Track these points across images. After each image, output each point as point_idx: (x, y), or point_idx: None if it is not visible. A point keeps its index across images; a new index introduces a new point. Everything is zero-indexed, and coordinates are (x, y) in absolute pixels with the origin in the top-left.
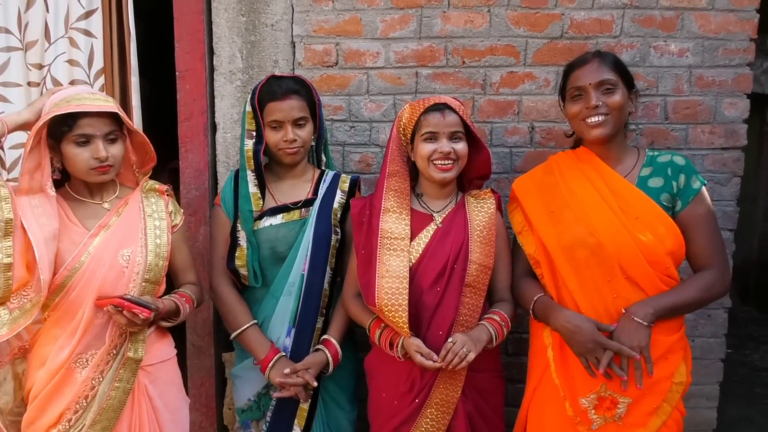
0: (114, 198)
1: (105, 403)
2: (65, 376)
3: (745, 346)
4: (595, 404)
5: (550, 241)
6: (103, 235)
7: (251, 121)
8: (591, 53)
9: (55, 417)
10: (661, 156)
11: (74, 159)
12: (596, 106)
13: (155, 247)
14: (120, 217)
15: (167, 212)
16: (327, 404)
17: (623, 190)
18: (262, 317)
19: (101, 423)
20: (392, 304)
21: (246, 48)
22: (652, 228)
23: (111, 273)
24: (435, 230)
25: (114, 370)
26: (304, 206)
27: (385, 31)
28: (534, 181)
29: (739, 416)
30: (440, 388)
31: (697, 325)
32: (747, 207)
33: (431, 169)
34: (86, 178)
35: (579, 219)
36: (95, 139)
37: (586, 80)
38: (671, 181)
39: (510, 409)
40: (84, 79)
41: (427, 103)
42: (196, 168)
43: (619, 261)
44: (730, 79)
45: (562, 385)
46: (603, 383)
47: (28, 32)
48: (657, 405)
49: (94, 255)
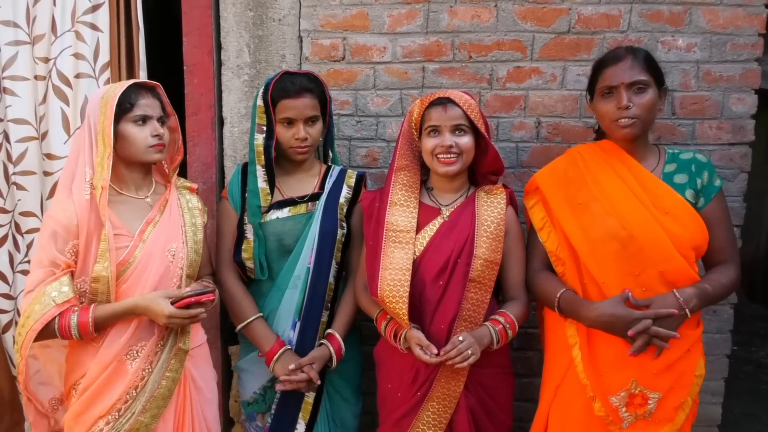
0: (152, 194)
1: (156, 392)
2: (116, 368)
3: (751, 343)
4: (627, 402)
5: (576, 235)
6: (151, 230)
7: (262, 115)
8: (623, 49)
9: (106, 408)
10: (683, 153)
11: (135, 137)
12: (628, 107)
13: (194, 244)
14: (164, 213)
15: (199, 209)
16: (332, 397)
17: (652, 185)
18: (267, 310)
19: (151, 411)
20: (393, 295)
21: (253, 42)
22: (681, 222)
23: (160, 267)
24: (441, 224)
25: (164, 361)
26: (311, 200)
27: (392, 25)
28: (557, 174)
29: (744, 413)
30: (442, 382)
31: (704, 321)
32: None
33: (435, 162)
34: (144, 157)
35: (609, 212)
36: (152, 119)
37: (619, 79)
38: (695, 178)
39: (516, 403)
40: (89, 73)
41: (433, 97)
42: (204, 162)
43: (650, 254)
44: (737, 75)
45: (593, 384)
46: (634, 379)
47: (35, 26)
48: (683, 399)
49: (145, 250)
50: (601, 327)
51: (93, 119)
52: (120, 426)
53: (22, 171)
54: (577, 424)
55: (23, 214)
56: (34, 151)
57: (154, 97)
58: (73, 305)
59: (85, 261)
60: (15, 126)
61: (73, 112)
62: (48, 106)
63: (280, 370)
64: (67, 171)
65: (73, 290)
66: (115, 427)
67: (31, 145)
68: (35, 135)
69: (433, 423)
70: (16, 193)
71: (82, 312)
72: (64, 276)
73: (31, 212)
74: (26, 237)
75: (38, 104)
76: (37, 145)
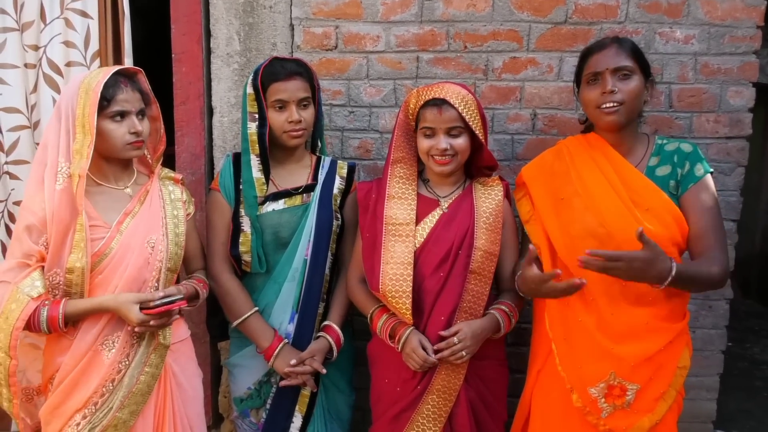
0: (132, 184)
1: (135, 387)
2: (92, 358)
3: (746, 339)
4: (605, 393)
5: (556, 230)
6: (129, 221)
7: (253, 103)
8: (609, 38)
9: (82, 401)
10: (669, 144)
11: (111, 134)
12: (612, 92)
13: (175, 236)
14: (143, 204)
15: (182, 201)
16: (328, 389)
17: (634, 180)
18: (263, 304)
19: (129, 407)
20: (396, 290)
21: (244, 30)
22: (661, 219)
23: (139, 259)
24: (440, 215)
25: (142, 355)
26: (305, 192)
27: (386, 14)
28: (544, 167)
29: (738, 409)
30: (442, 375)
31: (698, 316)
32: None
33: (431, 162)
34: (121, 154)
35: (589, 208)
36: (130, 114)
37: (603, 65)
38: (677, 168)
39: (510, 399)
40: (80, 61)
41: (430, 92)
42: (192, 153)
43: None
44: (735, 67)
45: (569, 377)
46: (612, 371)
47: (23, 12)
48: (664, 390)
49: (122, 241)
50: (530, 293)
51: (70, 107)
52: (97, 421)
53: (14, 160)
54: (556, 411)
55: (17, 204)
56: (26, 140)
57: (133, 87)
58: (44, 300)
59: (60, 251)
60: (6, 115)
61: None
62: (39, 95)
63: (280, 366)
64: (38, 162)
65: (45, 285)
66: (91, 421)
67: (23, 134)
68: (27, 124)
69: (433, 417)
70: (9, 182)
71: (53, 306)
72: (35, 271)
73: None
74: None
75: (29, 93)
76: (29, 134)
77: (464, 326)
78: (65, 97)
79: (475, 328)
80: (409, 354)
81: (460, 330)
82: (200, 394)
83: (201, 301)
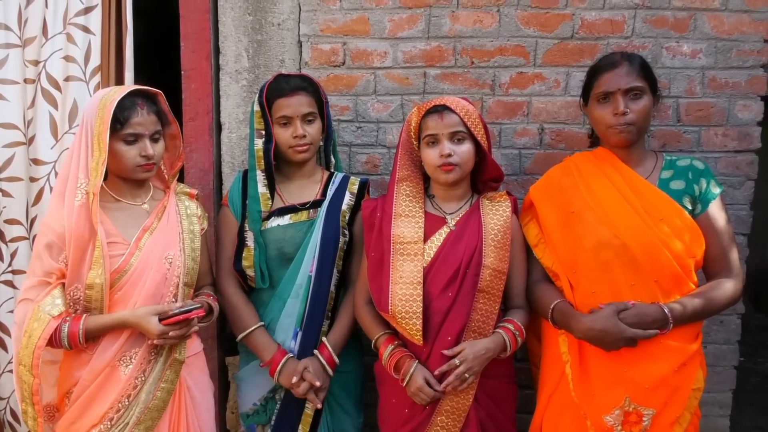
0: (150, 200)
1: (151, 403)
2: (109, 373)
3: (758, 354)
4: (622, 420)
5: (569, 245)
6: (147, 237)
7: (260, 120)
8: (618, 55)
9: (98, 416)
10: (681, 160)
11: (123, 156)
12: (624, 113)
13: (191, 251)
14: (161, 220)
15: (197, 216)
16: (333, 409)
17: (646, 192)
18: (268, 320)
19: (145, 423)
20: (406, 311)
21: (252, 47)
22: (677, 230)
23: (157, 275)
24: (448, 233)
25: (159, 371)
26: (312, 207)
27: (393, 30)
28: (551, 184)
29: (752, 426)
30: (450, 396)
31: (710, 332)
32: (760, 213)
33: (437, 173)
34: (131, 175)
35: (602, 220)
36: (143, 138)
37: (615, 86)
38: (692, 184)
39: (519, 416)
40: (79, 76)
41: (430, 103)
42: (201, 168)
43: (644, 263)
44: (743, 81)
45: (583, 403)
46: (627, 396)
47: (26, 29)
48: (679, 414)
49: (142, 258)
50: (591, 341)
51: (90, 123)
52: None
53: (8, 177)
54: None
55: (8, 222)
56: (21, 156)
57: (149, 109)
58: (65, 316)
59: (80, 267)
60: (3, 131)
61: (62, 116)
62: (36, 109)
63: (285, 380)
64: (61, 177)
65: (65, 303)
66: None
67: (18, 150)
68: (23, 140)
69: None
70: (1, 200)
71: (73, 322)
72: (55, 289)
73: (17, 220)
74: (10, 246)
75: (26, 108)
76: (24, 150)
77: (467, 346)
78: (87, 111)
79: (478, 348)
80: (415, 393)
81: (463, 350)
82: (212, 407)
83: (215, 315)
